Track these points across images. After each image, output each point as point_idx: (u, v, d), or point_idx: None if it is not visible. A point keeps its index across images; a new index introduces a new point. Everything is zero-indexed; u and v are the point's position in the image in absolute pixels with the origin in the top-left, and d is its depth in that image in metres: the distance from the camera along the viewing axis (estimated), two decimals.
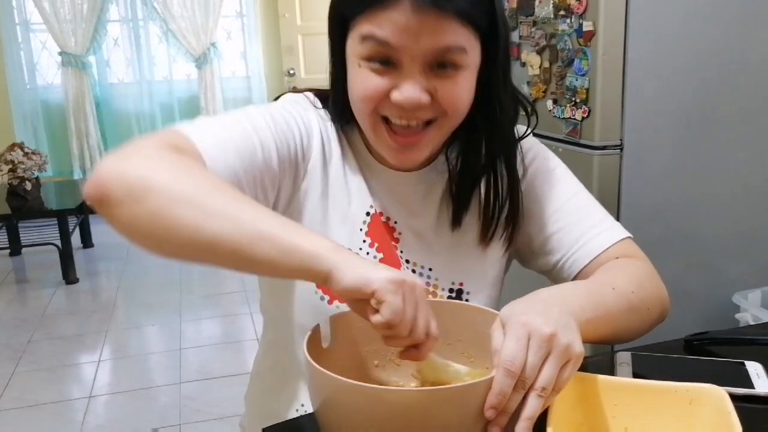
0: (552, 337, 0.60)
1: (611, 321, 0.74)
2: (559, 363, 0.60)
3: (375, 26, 0.71)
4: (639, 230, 0.93)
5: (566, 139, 1.84)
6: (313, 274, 0.61)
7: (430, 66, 0.73)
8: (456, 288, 0.88)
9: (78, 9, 4.47)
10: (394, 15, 0.70)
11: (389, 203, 0.87)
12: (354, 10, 0.73)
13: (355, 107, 0.78)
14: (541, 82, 1.95)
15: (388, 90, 0.74)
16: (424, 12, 0.69)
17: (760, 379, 0.77)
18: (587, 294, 0.74)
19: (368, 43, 0.73)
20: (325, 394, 0.62)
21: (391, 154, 0.80)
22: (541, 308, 0.64)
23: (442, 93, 0.74)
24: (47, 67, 4.66)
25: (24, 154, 3.59)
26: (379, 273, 0.60)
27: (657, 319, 0.83)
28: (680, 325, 0.95)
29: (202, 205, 0.62)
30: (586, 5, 1.71)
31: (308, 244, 0.61)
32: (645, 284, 0.81)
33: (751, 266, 1.90)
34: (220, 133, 0.75)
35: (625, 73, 1.71)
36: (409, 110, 0.74)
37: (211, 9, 4.62)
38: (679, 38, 1.72)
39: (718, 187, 1.84)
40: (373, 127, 0.78)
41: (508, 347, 0.60)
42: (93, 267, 3.93)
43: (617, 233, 0.86)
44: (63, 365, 2.73)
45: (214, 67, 4.71)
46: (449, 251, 0.88)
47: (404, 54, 0.72)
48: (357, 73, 0.75)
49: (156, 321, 3.11)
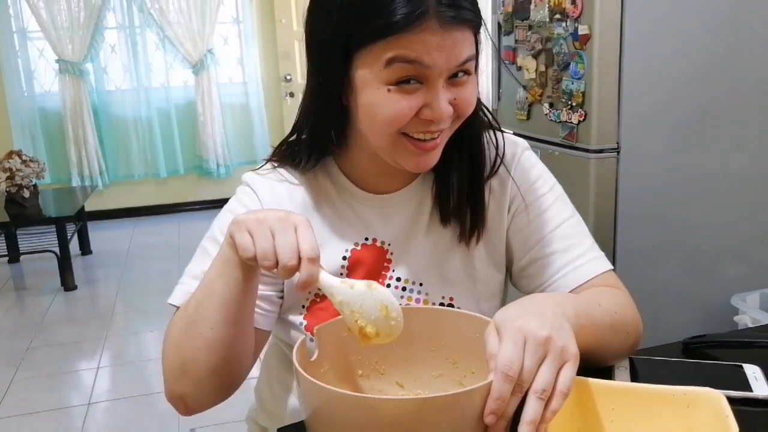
0: (548, 339, 0.61)
1: (597, 334, 0.75)
2: (557, 365, 0.61)
3: (403, 49, 0.72)
4: (636, 233, 0.94)
5: (563, 143, 1.84)
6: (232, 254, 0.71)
7: (450, 77, 0.75)
8: (446, 303, 0.88)
9: (75, 16, 4.47)
10: (423, 36, 0.71)
11: (380, 226, 0.88)
12: (369, 37, 0.72)
13: (375, 129, 0.78)
14: (537, 86, 1.95)
15: (418, 108, 0.75)
16: (449, 28, 0.72)
17: (758, 382, 0.77)
18: (578, 303, 0.75)
19: (398, 66, 0.73)
20: (315, 404, 0.62)
21: (412, 163, 0.80)
22: (535, 311, 0.65)
23: (460, 100, 0.77)
24: (45, 74, 4.66)
25: (22, 162, 3.58)
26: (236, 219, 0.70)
27: (632, 345, 0.84)
28: (679, 328, 0.96)
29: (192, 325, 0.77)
30: (582, 9, 1.72)
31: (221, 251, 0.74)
32: (626, 309, 0.83)
33: (749, 268, 1.90)
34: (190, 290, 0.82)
35: (620, 76, 1.71)
36: (437, 123, 0.76)
37: (207, 15, 4.63)
38: (674, 42, 1.73)
39: (715, 189, 1.84)
40: (393, 143, 0.79)
41: (504, 352, 0.60)
42: (91, 274, 3.92)
43: (601, 265, 0.88)
44: (62, 372, 2.72)
45: (210, 73, 4.71)
46: (439, 266, 0.88)
47: (434, 70, 0.73)
48: (386, 98, 0.74)
49: (155, 327, 3.10)
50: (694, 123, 1.79)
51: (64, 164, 4.68)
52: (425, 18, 0.70)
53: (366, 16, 0.71)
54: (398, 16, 0.70)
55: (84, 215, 4.07)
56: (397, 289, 0.87)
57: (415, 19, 0.70)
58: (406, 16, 0.70)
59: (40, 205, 3.73)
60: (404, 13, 0.70)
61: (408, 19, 0.70)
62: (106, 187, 4.77)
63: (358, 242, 0.87)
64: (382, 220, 0.88)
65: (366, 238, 0.87)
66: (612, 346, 0.80)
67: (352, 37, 0.73)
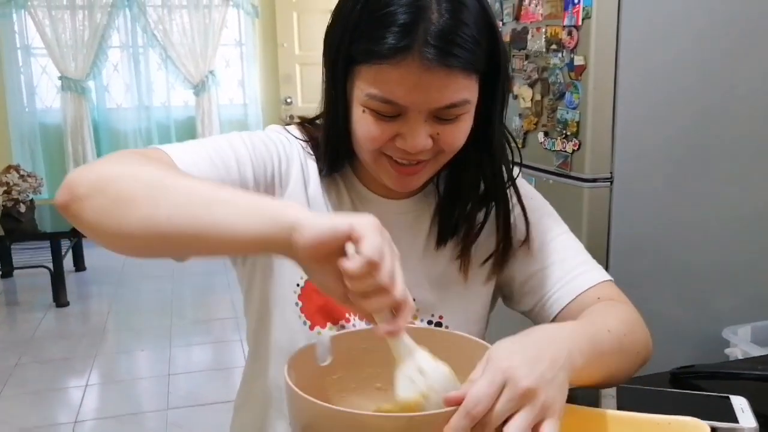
0: (529, 392, 0.56)
1: (605, 366, 0.72)
2: (534, 418, 0.56)
3: (381, 84, 0.71)
4: (629, 263, 0.94)
5: (557, 171, 1.85)
6: (276, 229, 0.57)
7: (434, 115, 0.73)
8: (435, 321, 0.87)
9: (79, 35, 4.52)
10: (401, 72, 0.69)
11: None
12: (362, 56, 0.72)
13: (358, 144, 0.78)
14: (533, 115, 1.97)
15: (392, 136, 0.75)
16: (431, 70, 0.69)
17: (744, 414, 0.77)
18: (588, 338, 0.69)
19: (373, 100, 0.72)
20: (306, 420, 0.62)
21: (391, 181, 0.80)
22: (532, 355, 0.60)
23: (443, 137, 0.75)
24: (46, 90, 4.69)
25: (20, 177, 3.59)
26: (352, 217, 0.55)
27: (642, 362, 0.82)
28: (670, 359, 0.95)
29: (160, 186, 0.62)
30: (578, 40, 1.75)
31: (268, 203, 0.60)
32: (635, 328, 0.80)
33: (741, 301, 1.90)
34: (195, 149, 0.76)
35: (615, 106, 1.73)
36: (413, 154, 0.75)
37: (210, 37, 4.68)
38: (668, 72, 1.75)
39: (708, 220, 1.85)
40: (375, 160, 0.79)
41: (477, 388, 0.56)
42: (84, 290, 3.91)
43: (598, 275, 0.86)
44: (50, 389, 2.70)
45: (211, 94, 4.75)
46: (432, 283, 0.88)
47: (410, 108, 0.72)
48: (361, 118, 0.75)
49: (146, 346, 3.08)
50: (688, 155, 1.80)
51: (62, 180, 4.59)
52: (407, 54, 0.69)
53: (364, 35, 0.72)
54: (384, 47, 0.69)
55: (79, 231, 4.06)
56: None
57: (396, 53, 0.69)
58: (390, 48, 0.69)
59: (35, 220, 3.73)
60: (390, 44, 0.69)
61: (391, 52, 0.69)
62: None
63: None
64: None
65: None
66: (621, 370, 0.77)
67: (351, 52, 0.74)
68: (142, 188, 0.62)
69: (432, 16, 0.69)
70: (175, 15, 4.63)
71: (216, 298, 3.68)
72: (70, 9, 4.48)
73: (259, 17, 4.79)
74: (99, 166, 0.67)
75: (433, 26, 0.69)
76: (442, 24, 0.69)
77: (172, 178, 0.64)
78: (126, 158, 0.68)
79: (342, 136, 0.79)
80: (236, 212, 0.59)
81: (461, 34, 0.69)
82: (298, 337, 0.82)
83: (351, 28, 0.73)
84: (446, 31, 0.69)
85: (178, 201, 0.61)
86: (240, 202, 0.60)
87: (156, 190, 0.62)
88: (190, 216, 0.60)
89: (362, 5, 0.72)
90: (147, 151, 0.73)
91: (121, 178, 0.63)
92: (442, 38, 0.68)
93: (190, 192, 0.62)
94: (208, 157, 0.76)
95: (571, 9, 1.76)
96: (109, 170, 0.65)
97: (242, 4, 4.73)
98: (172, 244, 0.62)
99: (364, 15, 0.71)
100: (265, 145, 0.82)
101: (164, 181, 0.63)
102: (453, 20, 0.69)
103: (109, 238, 0.64)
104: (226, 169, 0.76)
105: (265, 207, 0.59)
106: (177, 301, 3.62)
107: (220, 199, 0.61)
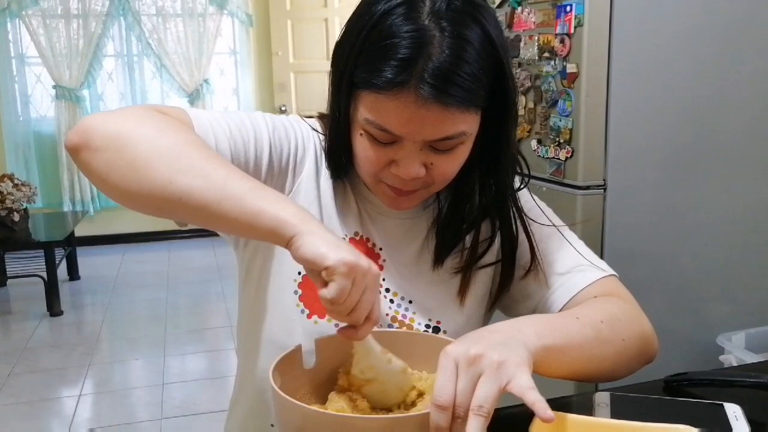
0: (478, 357, 0.60)
1: (577, 350, 0.72)
2: (496, 380, 0.59)
3: (378, 112, 0.72)
4: (622, 270, 0.94)
5: (550, 179, 1.86)
6: (275, 238, 0.63)
7: (429, 144, 0.74)
8: (433, 325, 0.87)
9: (74, 44, 4.52)
10: (397, 105, 0.70)
11: (376, 231, 0.87)
12: (363, 83, 0.73)
13: (357, 165, 0.80)
14: (526, 123, 1.98)
15: (387, 162, 0.76)
16: (427, 106, 0.69)
17: (738, 422, 0.76)
18: (545, 322, 0.73)
19: (370, 126, 0.73)
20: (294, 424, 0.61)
21: (386, 202, 0.82)
22: (476, 336, 0.64)
23: (437, 166, 0.76)
24: (41, 99, 4.69)
25: (13, 185, 3.58)
26: (337, 252, 0.61)
27: (638, 353, 0.81)
28: (664, 367, 0.95)
29: (178, 160, 0.65)
30: (570, 48, 1.75)
31: (274, 209, 0.64)
32: (618, 316, 0.79)
33: (735, 308, 1.90)
34: (218, 120, 0.77)
35: (608, 114, 1.74)
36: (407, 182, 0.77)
37: (204, 46, 4.69)
38: (660, 80, 1.76)
39: (702, 228, 1.85)
40: (373, 184, 0.81)
41: (437, 381, 0.60)
42: (78, 299, 3.89)
43: (597, 272, 0.85)
44: (43, 399, 2.68)
45: (206, 103, 4.76)
46: (428, 288, 0.88)
47: (406, 138, 0.73)
48: (359, 140, 0.77)
49: (140, 355, 3.06)
50: (681, 162, 1.81)
51: (56, 189, 4.68)
52: (403, 88, 0.69)
53: (366, 63, 0.72)
54: (381, 78, 0.70)
55: (74, 240, 4.05)
56: (385, 298, 0.86)
57: (393, 86, 0.69)
58: (387, 80, 0.69)
59: (29, 229, 3.72)
60: (388, 77, 0.69)
61: (388, 85, 0.69)
62: (97, 213, 4.76)
63: (358, 232, 0.87)
64: (377, 224, 0.87)
65: (357, 232, 0.87)
66: (607, 359, 0.76)
67: (353, 77, 0.74)
68: (159, 158, 0.65)
69: (433, 51, 0.69)
70: (169, 24, 4.64)
71: (210, 307, 3.67)
72: (65, 18, 4.48)
73: (254, 26, 4.80)
74: (120, 119, 0.68)
75: (432, 63, 0.68)
76: (441, 61, 0.69)
77: (189, 156, 0.66)
78: (148, 118, 0.69)
79: (344, 149, 0.81)
80: (243, 212, 0.63)
81: (460, 73, 0.69)
82: (295, 326, 0.82)
83: (356, 53, 0.73)
84: (444, 69, 0.69)
85: (192, 183, 0.64)
86: (248, 202, 0.64)
87: (173, 163, 0.65)
88: (200, 202, 0.64)
89: (368, 31, 0.72)
90: (170, 110, 0.74)
91: (140, 141, 0.65)
92: (439, 76, 0.68)
93: (205, 176, 0.64)
94: (228, 129, 0.77)
95: (563, 17, 1.77)
96: (130, 128, 0.67)
97: (237, 13, 4.74)
98: (177, 215, 0.67)
99: (369, 43, 0.72)
100: (286, 131, 0.83)
101: (181, 157, 0.66)
102: (453, 57, 0.69)
103: (115, 192, 0.67)
104: (243, 145, 0.78)
105: (270, 214, 0.63)
106: (171, 310, 3.60)
107: (232, 194, 0.64)
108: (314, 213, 0.84)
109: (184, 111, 0.76)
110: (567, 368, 0.72)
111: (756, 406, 0.79)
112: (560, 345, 0.69)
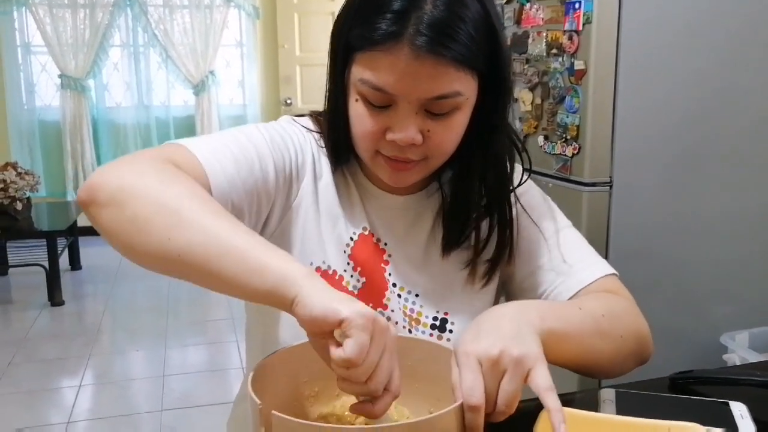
0: (500, 355, 0.61)
1: (577, 338, 0.73)
2: (517, 378, 0.60)
3: (372, 70, 0.72)
4: (627, 268, 0.93)
5: (556, 175, 1.85)
6: (278, 296, 0.59)
7: (426, 107, 0.74)
8: (441, 317, 0.87)
9: (80, 33, 4.52)
10: (392, 59, 0.70)
11: (381, 225, 0.87)
12: (358, 42, 0.74)
13: (356, 141, 0.80)
14: (533, 119, 1.97)
15: (383, 129, 0.75)
16: (421, 58, 0.69)
17: (743, 420, 0.76)
18: (548, 307, 0.73)
19: (365, 86, 0.73)
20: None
21: (386, 176, 0.81)
22: (489, 328, 0.64)
23: (433, 135, 0.75)
24: (46, 88, 4.68)
25: (17, 174, 3.58)
26: (351, 305, 0.56)
27: (634, 351, 0.81)
28: (668, 365, 0.94)
29: (179, 215, 0.63)
30: (578, 45, 1.74)
31: (277, 266, 0.60)
32: (618, 313, 0.79)
33: (739, 307, 1.90)
34: (219, 146, 0.76)
35: (615, 111, 1.73)
36: (403, 147, 0.76)
37: (211, 37, 4.68)
38: (668, 78, 1.75)
39: (707, 227, 1.85)
40: (371, 159, 0.80)
41: (464, 381, 0.60)
42: (80, 289, 3.89)
43: (600, 270, 0.86)
44: (43, 389, 2.68)
45: (211, 94, 4.75)
46: (436, 279, 0.87)
47: (400, 98, 0.73)
48: (354, 108, 0.76)
49: (140, 346, 3.06)
50: (687, 160, 1.80)
51: (60, 178, 4.68)
52: (398, 41, 0.69)
53: (361, 21, 0.73)
54: (376, 32, 0.70)
55: (76, 230, 4.05)
56: (392, 293, 0.86)
57: (387, 38, 0.70)
58: (382, 33, 0.70)
59: (32, 218, 3.72)
60: (382, 30, 0.70)
61: (382, 37, 0.70)
62: None
63: (366, 227, 0.86)
64: (382, 218, 0.87)
65: (365, 227, 0.86)
66: (604, 353, 0.76)
67: (349, 39, 0.75)
68: (159, 214, 0.63)
69: (426, 6, 0.70)
70: (176, 15, 4.63)
71: (212, 299, 3.67)
72: (72, 7, 4.48)
73: (260, 18, 4.79)
74: (123, 171, 0.67)
75: (426, 15, 0.70)
76: (435, 14, 0.70)
77: (191, 211, 0.63)
78: (152, 168, 0.67)
79: (342, 129, 0.80)
80: (244, 270, 0.60)
81: (455, 27, 0.70)
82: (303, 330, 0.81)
83: (351, 15, 0.75)
84: (438, 21, 0.69)
85: (192, 240, 0.61)
86: (250, 259, 0.60)
87: (173, 220, 0.62)
88: (199, 259, 0.61)
89: None
90: (174, 156, 0.71)
91: (141, 197, 0.64)
92: (433, 28, 0.69)
93: (205, 233, 0.62)
94: (233, 157, 0.76)
95: (571, 14, 1.76)
96: (132, 182, 0.65)
97: (243, 5, 4.73)
98: (178, 274, 0.64)
99: (363, 2, 0.73)
100: (282, 139, 0.83)
101: (182, 213, 0.63)
102: (447, 12, 0.70)
103: (122, 249, 0.66)
104: (249, 167, 0.77)
105: (272, 270, 0.59)
106: (173, 301, 3.60)
107: (233, 250, 0.60)
108: (314, 214, 0.84)
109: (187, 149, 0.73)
110: (565, 355, 0.72)
111: (761, 405, 0.78)
112: (561, 331, 0.70)
